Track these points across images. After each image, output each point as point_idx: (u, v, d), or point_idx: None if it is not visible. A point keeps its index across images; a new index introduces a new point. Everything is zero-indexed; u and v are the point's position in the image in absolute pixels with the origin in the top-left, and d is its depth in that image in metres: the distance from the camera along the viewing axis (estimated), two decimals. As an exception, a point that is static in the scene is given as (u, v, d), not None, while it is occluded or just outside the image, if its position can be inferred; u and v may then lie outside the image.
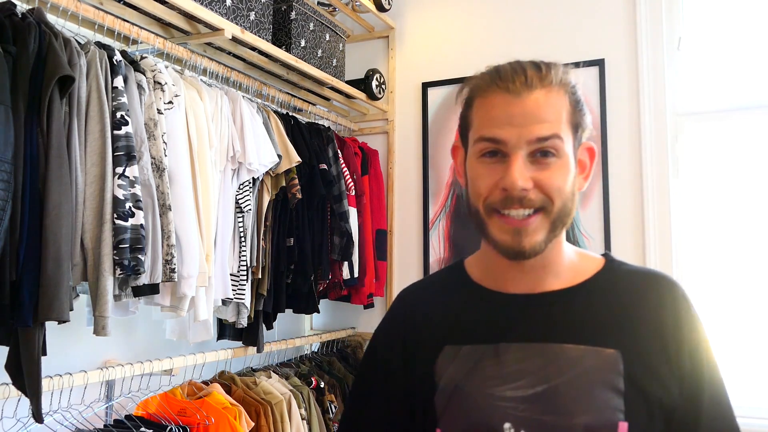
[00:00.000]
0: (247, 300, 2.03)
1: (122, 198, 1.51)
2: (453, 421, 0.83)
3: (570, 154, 0.82)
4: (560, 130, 0.80)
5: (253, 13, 2.14)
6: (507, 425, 0.79)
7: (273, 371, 2.28)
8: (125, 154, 1.54)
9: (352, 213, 2.58)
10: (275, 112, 2.31)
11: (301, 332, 2.95)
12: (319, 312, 2.47)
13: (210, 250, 1.82)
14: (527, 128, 0.79)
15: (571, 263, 0.89)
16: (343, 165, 2.56)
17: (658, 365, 0.80)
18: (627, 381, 0.79)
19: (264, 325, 2.21)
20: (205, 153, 1.83)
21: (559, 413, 0.78)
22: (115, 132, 1.53)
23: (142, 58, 1.76)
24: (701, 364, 0.82)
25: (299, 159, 2.20)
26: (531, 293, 0.87)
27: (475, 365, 0.84)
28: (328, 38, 2.61)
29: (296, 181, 2.20)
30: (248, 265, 2.03)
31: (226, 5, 2.00)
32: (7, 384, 1.45)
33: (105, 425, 1.78)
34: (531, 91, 0.80)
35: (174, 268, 1.65)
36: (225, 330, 2.22)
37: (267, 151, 2.07)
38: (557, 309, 0.85)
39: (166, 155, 1.69)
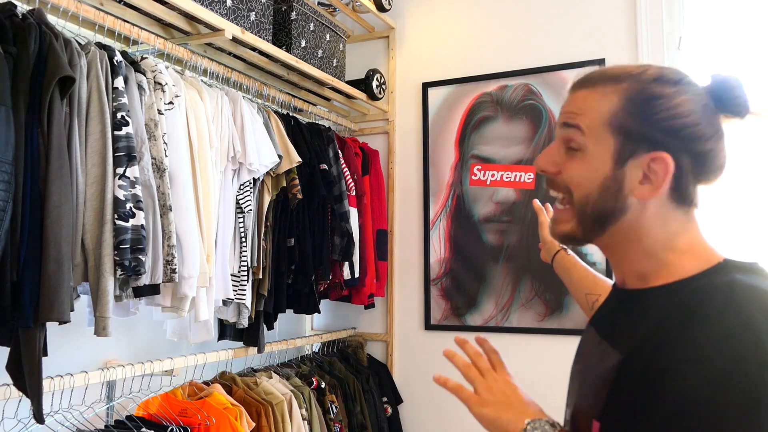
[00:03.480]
0: (248, 300, 2.03)
1: (123, 198, 1.51)
2: None
3: (596, 151, 0.80)
4: (583, 124, 0.81)
5: (254, 13, 2.14)
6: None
7: (274, 371, 2.28)
8: (126, 155, 1.54)
9: (353, 213, 2.58)
10: (276, 112, 2.31)
11: (302, 332, 2.95)
12: (319, 312, 2.47)
13: (211, 251, 1.82)
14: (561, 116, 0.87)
15: (669, 262, 0.81)
16: (344, 165, 2.55)
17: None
18: (615, 384, 0.75)
19: (265, 326, 2.21)
20: (205, 153, 1.83)
21: (571, 396, 0.89)
22: (116, 132, 1.53)
23: (142, 58, 1.76)
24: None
25: (300, 159, 2.20)
26: (621, 287, 0.88)
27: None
28: (328, 38, 2.61)
29: (297, 181, 2.20)
30: (249, 265, 2.03)
31: (226, 6, 2.00)
32: (8, 385, 1.45)
33: (106, 426, 1.78)
34: (576, 90, 0.84)
35: (175, 269, 1.65)
36: (226, 330, 2.22)
37: (267, 152, 2.07)
38: (619, 306, 0.88)
39: (166, 156, 1.69)
